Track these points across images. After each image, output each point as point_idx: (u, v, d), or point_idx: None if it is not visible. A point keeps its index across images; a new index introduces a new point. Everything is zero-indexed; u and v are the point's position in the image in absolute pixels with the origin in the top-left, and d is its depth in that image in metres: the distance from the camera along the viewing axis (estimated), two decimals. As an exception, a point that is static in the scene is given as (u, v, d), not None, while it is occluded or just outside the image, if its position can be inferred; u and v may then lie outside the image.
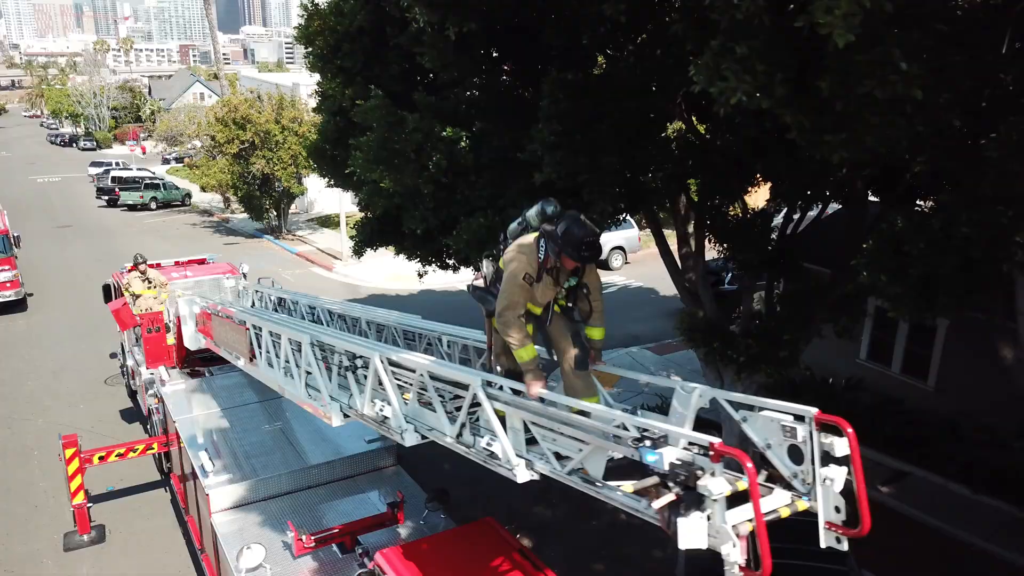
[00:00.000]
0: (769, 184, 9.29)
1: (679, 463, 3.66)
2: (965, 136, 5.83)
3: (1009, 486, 12.69)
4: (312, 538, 8.63)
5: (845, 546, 3.80)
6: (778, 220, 11.29)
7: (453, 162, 8.89)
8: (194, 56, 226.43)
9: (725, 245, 10.08)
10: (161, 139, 55.93)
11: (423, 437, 6.08)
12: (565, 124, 7.83)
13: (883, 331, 16.04)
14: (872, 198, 10.54)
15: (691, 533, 3.54)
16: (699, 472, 3.57)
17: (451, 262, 12.85)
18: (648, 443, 3.78)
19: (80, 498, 12.53)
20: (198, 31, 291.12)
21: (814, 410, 3.85)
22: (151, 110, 77.16)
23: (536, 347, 5.27)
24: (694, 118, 10.03)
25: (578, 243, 4.89)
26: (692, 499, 3.57)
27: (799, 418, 3.92)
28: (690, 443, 3.77)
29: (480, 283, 6.00)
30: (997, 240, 6.11)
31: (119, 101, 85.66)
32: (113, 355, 20.33)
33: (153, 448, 13.37)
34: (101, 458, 12.81)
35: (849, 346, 15.71)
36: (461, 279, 25.57)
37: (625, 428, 4.04)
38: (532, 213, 5.49)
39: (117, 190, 45.30)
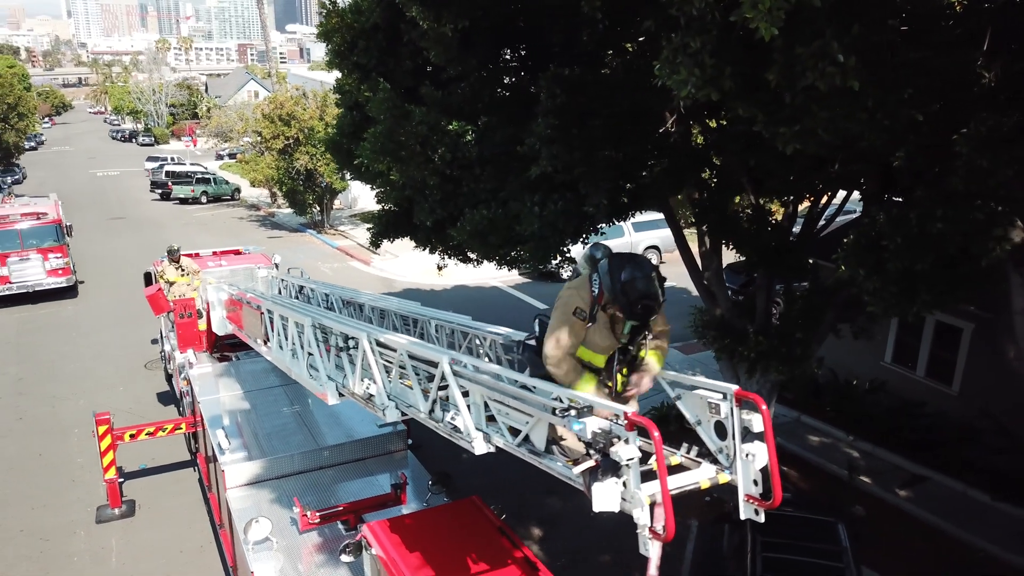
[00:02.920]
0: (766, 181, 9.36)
1: (599, 431, 3.88)
2: (939, 131, 5.88)
3: (1029, 493, 12.49)
4: (317, 515, 8.96)
5: (762, 518, 3.97)
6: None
7: (457, 155, 9.17)
8: (252, 55, 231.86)
9: (726, 241, 10.16)
10: (212, 135, 57.56)
11: (403, 414, 6.38)
12: (562, 119, 8.04)
13: (908, 334, 15.85)
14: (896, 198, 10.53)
15: (605, 497, 3.76)
16: (615, 440, 3.79)
17: (473, 256, 13.10)
18: (574, 412, 4.00)
19: (112, 473, 13.16)
20: (256, 30, 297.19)
21: (735, 387, 4.02)
22: (207, 107, 79.34)
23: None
24: (712, 123, 10.13)
25: (636, 298, 4.38)
26: (608, 465, 3.79)
27: (724, 395, 4.10)
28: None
29: (532, 342, 5.25)
30: (973, 236, 6.15)
31: (177, 98, 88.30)
32: (154, 341, 21.17)
33: (181, 428, 13.94)
34: (132, 436, 13.42)
35: (874, 348, 15.58)
36: (493, 275, 26.01)
37: (560, 400, 4.27)
38: (581, 260, 4.93)
39: (170, 184, 46.93)
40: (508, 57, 9.86)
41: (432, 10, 7.52)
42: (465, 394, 5.33)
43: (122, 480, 13.51)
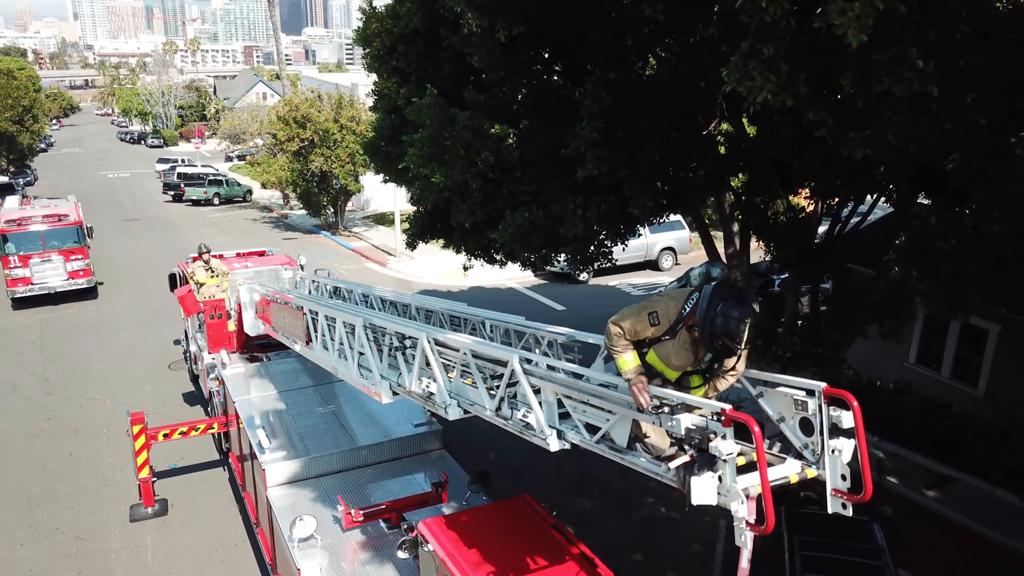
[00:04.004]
0: (808, 183, 9.46)
1: (694, 428, 3.99)
2: (996, 134, 5.97)
3: (1058, 495, 12.52)
4: (360, 513, 9.08)
5: (850, 512, 4.07)
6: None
7: (500, 158, 9.29)
8: (257, 57, 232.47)
9: (765, 242, 10.25)
10: (224, 137, 57.79)
11: (465, 412, 6.48)
12: (607, 122, 8.15)
13: (933, 335, 15.90)
14: (923, 200, 10.60)
15: (702, 491, 3.87)
16: (712, 436, 3.90)
17: (498, 256, 13.22)
18: (666, 410, 4.11)
19: (145, 473, 13.29)
20: (262, 32, 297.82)
21: (823, 384, 4.13)
22: (216, 109, 79.65)
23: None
24: (744, 120, 10.25)
25: (719, 332, 4.29)
26: (705, 460, 3.90)
27: (810, 392, 4.21)
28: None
29: None
30: (1028, 238, 6.24)
31: (185, 100, 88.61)
32: (177, 342, 21.32)
33: (214, 428, 14.07)
34: (165, 435, 13.56)
35: (898, 350, 15.60)
36: (509, 276, 26.11)
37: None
38: (695, 273, 4.91)
39: (182, 186, 47.17)
40: (548, 59, 9.97)
41: (487, 17, 7.64)
42: (536, 391, 5.43)
43: (154, 479, 13.64)
